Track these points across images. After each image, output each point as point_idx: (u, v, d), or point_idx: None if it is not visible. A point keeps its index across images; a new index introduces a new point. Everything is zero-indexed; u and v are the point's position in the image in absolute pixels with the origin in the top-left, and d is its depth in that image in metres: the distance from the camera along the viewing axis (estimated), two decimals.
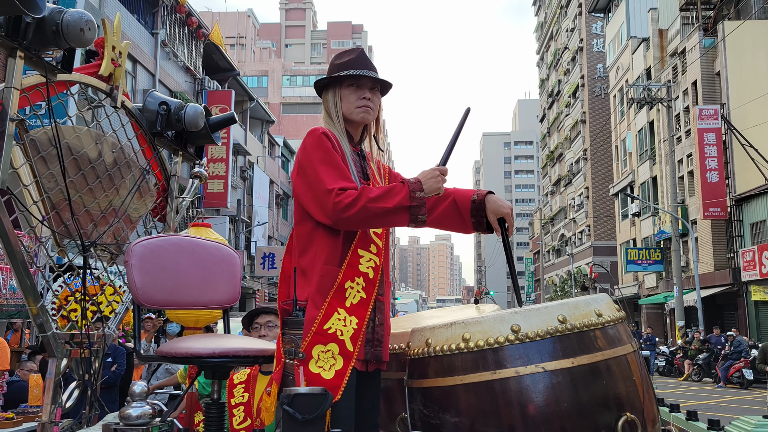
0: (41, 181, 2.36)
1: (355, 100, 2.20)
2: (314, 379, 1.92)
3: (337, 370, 1.94)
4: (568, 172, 49.63)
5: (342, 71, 2.20)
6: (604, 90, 43.96)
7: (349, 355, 1.96)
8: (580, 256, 45.68)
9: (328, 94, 2.23)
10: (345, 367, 1.95)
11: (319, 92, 2.30)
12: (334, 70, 2.23)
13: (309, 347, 1.95)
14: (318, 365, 1.94)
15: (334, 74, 2.21)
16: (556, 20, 54.49)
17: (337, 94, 2.21)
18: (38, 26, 2.22)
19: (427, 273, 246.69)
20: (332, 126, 2.20)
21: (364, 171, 2.23)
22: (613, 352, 1.81)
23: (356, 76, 2.19)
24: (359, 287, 2.06)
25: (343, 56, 2.27)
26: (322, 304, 2.00)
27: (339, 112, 2.20)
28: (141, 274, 2.16)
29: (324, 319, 1.98)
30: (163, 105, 3.06)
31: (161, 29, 21.30)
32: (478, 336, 1.82)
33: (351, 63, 2.21)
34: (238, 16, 54.30)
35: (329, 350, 1.95)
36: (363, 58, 2.25)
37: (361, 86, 2.21)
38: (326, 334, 1.96)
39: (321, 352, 1.95)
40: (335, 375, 1.93)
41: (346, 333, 1.97)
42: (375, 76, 2.23)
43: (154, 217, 3.24)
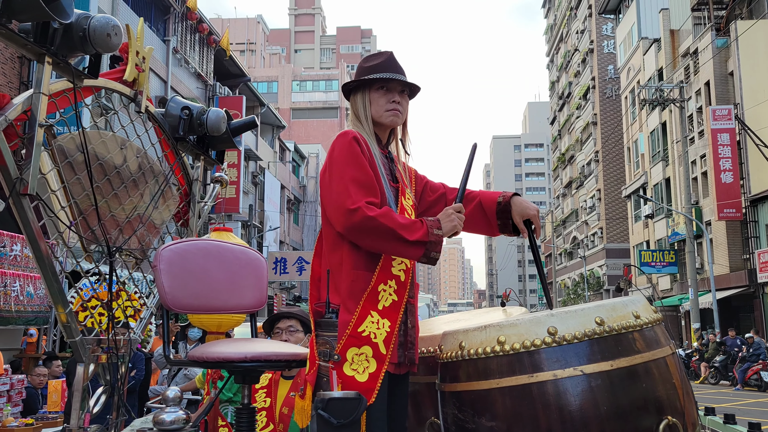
0: (68, 186, 2.36)
1: (384, 103, 2.21)
2: (348, 382, 1.93)
3: (371, 372, 1.95)
4: (579, 174, 49.40)
5: (371, 74, 2.20)
6: (615, 91, 43.76)
7: (383, 357, 1.97)
8: (592, 258, 45.41)
9: (357, 97, 2.24)
10: (378, 370, 1.96)
11: (347, 95, 2.30)
12: (363, 73, 2.23)
13: (343, 350, 1.96)
14: (352, 368, 1.95)
15: (364, 77, 2.21)
16: (566, 22, 54.33)
17: (366, 97, 2.22)
18: (65, 32, 2.22)
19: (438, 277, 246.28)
20: (361, 129, 2.20)
21: (393, 173, 2.23)
22: (651, 354, 1.78)
23: (386, 79, 2.19)
24: (391, 290, 2.07)
25: (372, 59, 2.27)
26: (355, 308, 2.01)
27: (368, 115, 2.21)
28: (169, 278, 2.16)
29: (358, 322, 1.99)
30: (186, 110, 3.06)
31: (173, 36, 21.43)
32: (514, 339, 1.79)
33: (380, 66, 2.22)
34: (248, 22, 54.56)
35: (363, 353, 1.96)
36: (393, 62, 2.25)
37: (391, 90, 2.22)
38: (360, 336, 1.97)
39: (355, 354, 1.96)
40: (369, 378, 1.94)
41: (379, 336, 1.98)
42: (404, 80, 2.23)
43: (177, 222, 3.24)
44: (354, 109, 2.25)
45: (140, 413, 6.15)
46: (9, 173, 2.07)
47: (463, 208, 2.10)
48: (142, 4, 20.12)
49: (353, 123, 2.24)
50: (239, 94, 26.25)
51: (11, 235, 9.07)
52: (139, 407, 6.25)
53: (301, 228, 39.52)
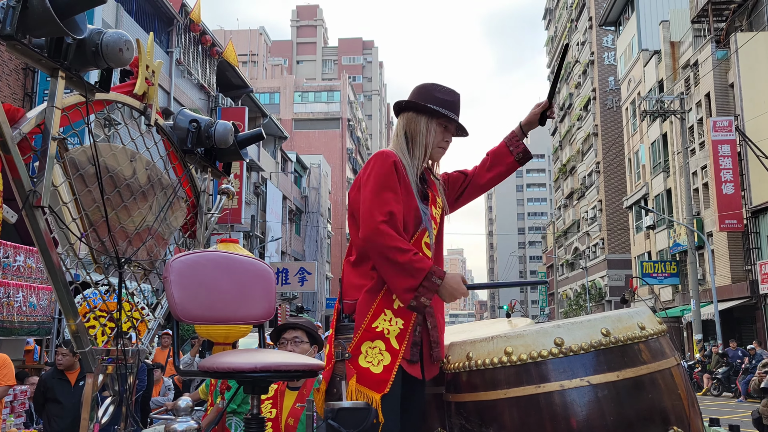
0: (79, 198, 2.40)
1: (441, 140, 2.34)
2: (363, 373, 2.06)
3: (386, 365, 2.07)
4: (580, 185, 49.45)
5: (443, 108, 2.30)
6: (616, 103, 43.88)
7: (396, 352, 2.08)
8: (594, 269, 45.35)
9: (420, 119, 2.32)
10: (392, 363, 2.07)
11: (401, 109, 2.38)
12: (436, 103, 2.31)
13: (358, 343, 2.10)
14: (367, 360, 2.08)
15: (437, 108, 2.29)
16: (566, 34, 54.59)
17: (432, 125, 2.31)
18: (78, 47, 2.26)
19: None
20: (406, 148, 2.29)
21: (425, 194, 2.33)
22: (657, 365, 1.80)
23: (449, 118, 2.31)
24: None
25: (445, 93, 2.35)
26: (371, 305, 2.13)
27: (429, 141, 2.30)
28: (179, 289, 2.18)
29: (372, 318, 2.12)
30: (194, 122, 3.10)
31: (176, 48, 21.57)
32: (521, 349, 1.82)
33: (452, 104, 2.33)
34: (250, 33, 54.88)
35: (376, 346, 2.09)
36: (459, 104, 2.37)
37: (449, 129, 2.35)
38: (374, 331, 2.10)
39: (369, 348, 2.09)
40: (384, 369, 2.06)
41: (392, 332, 2.10)
42: (465, 129, 2.39)
43: (184, 234, 3.27)
44: (413, 130, 2.32)
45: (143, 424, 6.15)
46: (23, 186, 2.10)
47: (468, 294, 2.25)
48: (145, 16, 20.27)
49: (398, 138, 2.33)
50: (242, 105, 26.38)
51: (15, 246, 9.10)
52: (142, 418, 6.25)
53: (303, 239, 39.53)
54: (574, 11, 51.63)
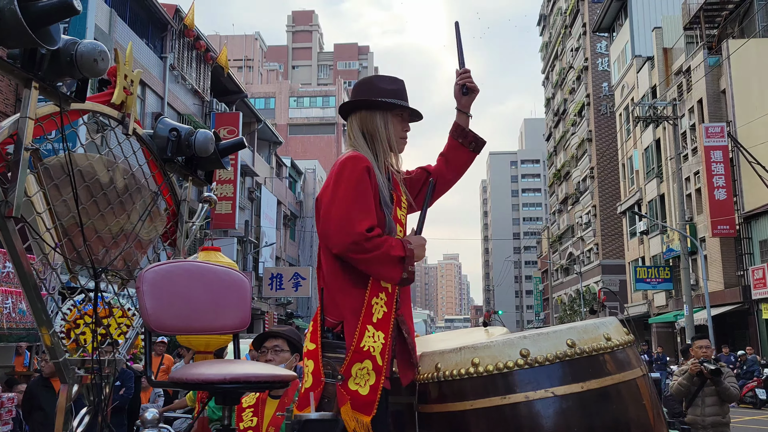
0: (54, 208, 2.40)
1: (400, 130, 2.27)
2: (354, 396, 2.00)
3: (371, 385, 2.02)
4: (575, 190, 49.56)
5: (392, 99, 2.23)
6: (610, 108, 44.03)
7: (380, 369, 2.04)
8: (588, 274, 45.42)
9: (376, 117, 2.23)
10: (377, 382, 2.02)
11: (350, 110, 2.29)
12: (384, 95, 2.23)
13: (349, 366, 2.03)
14: (355, 382, 2.02)
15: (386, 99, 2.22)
16: (560, 40, 54.79)
17: (388, 118, 2.23)
18: (53, 57, 2.26)
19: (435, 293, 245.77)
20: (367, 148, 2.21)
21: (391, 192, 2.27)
22: (622, 376, 1.81)
23: (404, 107, 2.24)
24: (382, 302, 2.12)
25: (390, 83, 2.28)
26: (356, 324, 2.07)
27: (383, 134, 2.22)
28: (152, 299, 2.19)
29: (359, 338, 2.05)
30: (174, 131, 3.10)
31: (170, 53, 21.57)
32: (488, 360, 1.83)
33: (401, 93, 2.26)
34: (246, 39, 54.92)
35: (365, 367, 2.03)
36: (405, 90, 2.30)
37: (404, 118, 2.28)
38: (362, 351, 2.04)
39: (358, 369, 2.03)
40: (370, 390, 2.01)
41: (377, 349, 2.05)
42: (419, 113, 2.30)
43: (165, 242, 3.27)
44: (370, 127, 2.24)
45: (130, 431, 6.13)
46: None
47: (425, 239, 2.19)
48: (139, 22, 20.27)
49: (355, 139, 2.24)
50: (236, 111, 26.37)
51: (3, 252, 9.07)
52: (129, 426, 6.23)
53: (298, 244, 39.50)
54: (568, 17, 51.85)
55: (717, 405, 5.28)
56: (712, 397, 5.27)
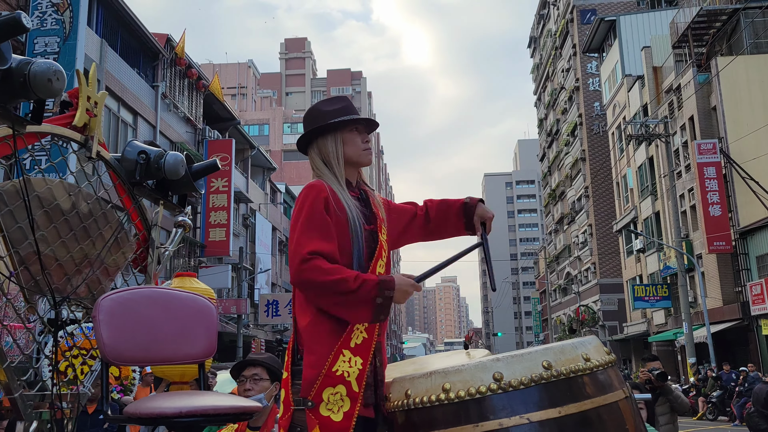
0: (9, 235, 2.29)
1: (360, 143, 2.23)
2: (325, 422, 1.91)
3: (345, 411, 1.93)
4: (570, 210, 49.57)
5: (340, 117, 2.20)
6: (602, 128, 44.24)
7: (356, 396, 1.95)
8: (586, 294, 45.21)
9: (327, 141, 2.21)
10: (353, 409, 1.93)
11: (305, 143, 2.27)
12: (328, 117, 2.21)
13: (320, 390, 1.94)
14: (327, 408, 1.93)
15: (338, 119, 2.19)
16: (551, 61, 55.27)
17: (338, 139, 2.20)
18: (5, 78, 2.18)
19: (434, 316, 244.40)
20: (331, 174, 2.17)
21: (367, 216, 2.20)
22: (603, 399, 1.69)
23: (357, 120, 2.21)
24: (361, 328, 2.04)
25: (332, 103, 2.27)
26: (328, 348, 1.99)
27: (340, 156, 2.19)
28: (109, 329, 2.07)
29: (333, 361, 1.97)
30: (142, 154, 3.01)
31: (161, 82, 21.62)
32: (459, 386, 1.71)
33: (348, 109, 2.24)
34: (239, 67, 55.27)
35: (338, 392, 1.94)
36: (353, 105, 2.29)
37: (361, 130, 2.25)
38: (334, 376, 1.95)
39: (330, 394, 1.94)
40: (344, 417, 1.92)
41: (352, 374, 1.96)
42: (373, 120, 2.28)
43: (135, 268, 3.16)
44: (322, 154, 2.21)
45: None
46: None
47: (420, 288, 2.11)
48: (130, 51, 20.34)
49: (319, 169, 2.21)
50: (229, 137, 26.39)
51: None
52: None
53: None
54: (558, 39, 52.37)
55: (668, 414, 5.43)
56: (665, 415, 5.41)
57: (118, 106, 19.00)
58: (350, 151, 2.20)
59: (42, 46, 14.50)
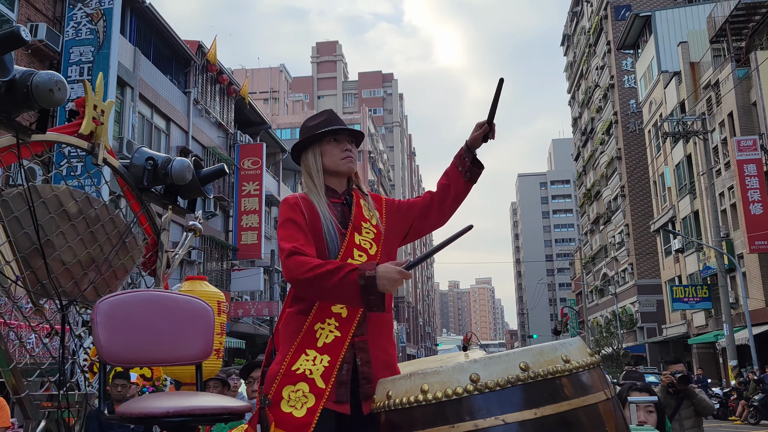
0: (15, 241, 2.38)
1: (338, 153, 2.33)
2: (286, 419, 1.97)
3: (309, 407, 1.98)
4: (606, 209, 48.77)
5: (319, 130, 2.33)
6: (638, 126, 43.42)
7: (321, 392, 2.00)
8: (624, 295, 44.39)
9: (308, 154, 2.35)
10: (317, 404, 1.99)
11: (297, 158, 2.41)
12: (310, 131, 2.35)
13: (279, 388, 2.02)
14: (290, 405, 1.99)
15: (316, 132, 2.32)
16: (585, 59, 54.48)
17: (317, 152, 2.33)
18: (8, 89, 2.27)
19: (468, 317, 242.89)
20: (312, 185, 2.30)
21: (345, 221, 2.28)
22: (582, 400, 1.68)
23: (335, 131, 2.32)
24: (332, 327, 2.11)
25: (315, 118, 2.40)
26: (289, 348, 2.08)
27: (320, 167, 2.31)
28: (107, 331, 2.13)
29: (291, 361, 2.05)
30: (150, 160, 3.09)
31: (193, 88, 22.02)
32: (437, 387, 1.72)
33: (326, 122, 2.36)
34: (271, 71, 55.84)
35: (299, 389, 2.01)
36: (336, 117, 2.41)
37: (341, 140, 2.35)
38: (294, 374, 2.03)
39: (291, 392, 2.00)
40: (307, 412, 1.98)
41: (315, 372, 2.03)
42: (352, 129, 2.38)
43: (145, 271, 3.24)
44: (305, 167, 2.36)
45: None
46: None
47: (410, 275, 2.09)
48: (163, 58, 20.77)
49: (305, 180, 2.35)
50: (260, 141, 26.71)
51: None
52: None
53: None
54: (592, 36, 51.60)
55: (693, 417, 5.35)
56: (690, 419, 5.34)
57: (152, 113, 19.42)
58: (328, 161, 2.31)
59: (77, 55, 14.92)
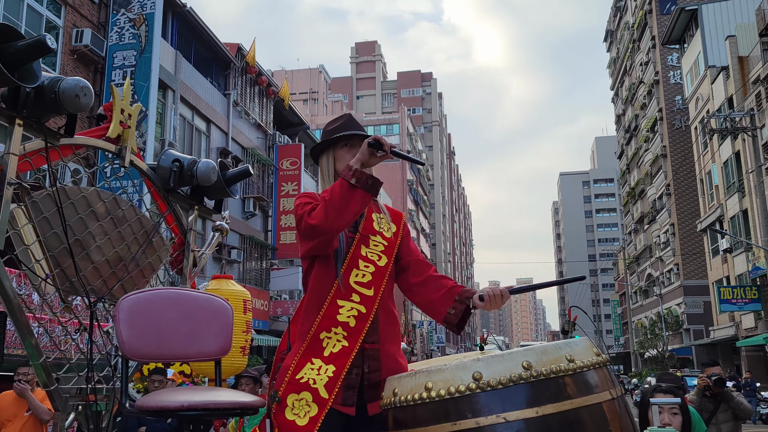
0: (45, 240, 2.49)
1: (350, 158, 2.36)
2: (289, 426, 2.01)
3: (311, 416, 2.02)
4: (651, 208, 47.67)
5: (330, 136, 2.40)
6: (685, 122, 42.31)
7: (324, 402, 2.04)
8: (669, 296, 43.33)
9: (323, 158, 2.43)
10: (319, 414, 2.02)
11: (316, 160, 2.49)
12: (327, 136, 2.43)
13: (284, 396, 2.06)
14: (293, 413, 2.03)
15: (329, 138, 2.40)
16: (629, 55, 53.37)
17: (330, 156, 2.40)
18: (37, 94, 2.37)
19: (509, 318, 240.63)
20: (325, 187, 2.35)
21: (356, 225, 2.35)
22: (584, 400, 1.67)
23: (348, 136, 2.38)
24: (339, 336, 2.13)
25: (333, 123, 2.47)
26: (294, 356, 2.13)
27: (332, 171, 2.38)
28: (128, 327, 2.22)
29: (296, 369, 2.09)
30: (176, 162, 3.18)
31: (233, 90, 22.38)
32: (440, 385, 1.74)
33: (342, 126, 2.42)
34: (310, 72, 56.34)
35: (303, 398, 2.04)
36: (352, 121, 2.46)
37: (354, 146, 2.39)
38: (298, 383, 2.06)
39: (295, 400, 2.04)
40: (309, 421, 2.01)
41: (319, 381, 2.06)
42: (364, 134, 2.41)
43: (172, 270, 3.33)
44: (320, 170, 2.44)
45: None
46: None
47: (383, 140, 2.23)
48: (203, 61, 21.18)
49: (320, 182, 2.43)
50: (298, 142, 26.98)
51: None
52: None
53: None
54: (635, 31, 50.52)
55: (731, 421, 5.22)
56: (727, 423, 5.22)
57: (192, 115, 19.83)
58: (339, 166, 2.36)
59: (120, 60, 15.35)
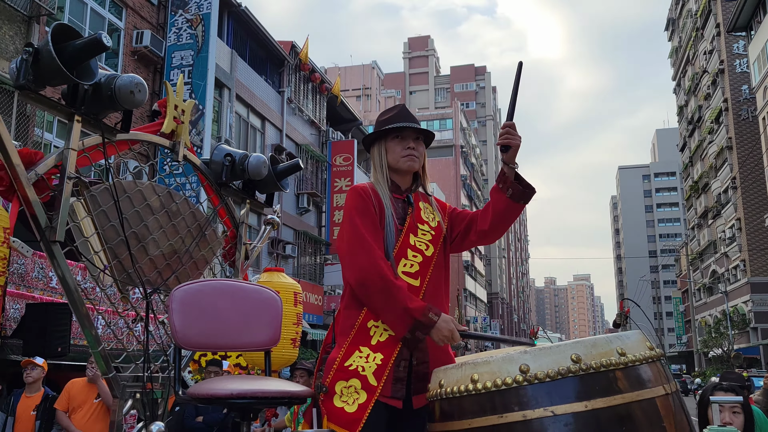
0: (103, 232, 2.58)
1: (400, 150, 2.37)
2: (338, 413, 2.04)
3: (360, 403, 2.04)
4: (715, 203, 45.93)
5: (386, 126, 2.39)
6: (752, 113, 40.54)
7: (373, 389, 2.05)
8: (735, 294, 41.66)
9: (374, 149, 2.43)
10: (368, 401, 2.04)
11: (368, 149, 2.50)
12: (379, 127, 2.42)
13: (332, 383, 2.09)
14: (342, 400, 2.05)
15: (380, 129, 2.40)
16: (692, 43, 51.47)
17: (382, 147, 2.40)
18: (95, 92, 2.46)
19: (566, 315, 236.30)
20: (377, 178, 2.37)
21: (404, 218, 2.34)
22: (637, 394, 1.62)
23: (400, 128, 2.37)
24: (386, 325, 2.14)
25: (386, 113, 2.46)
26: (343, 344, 2.15)
27: (384, 163, 2.38)
28: (181, 317, 2.27)
29: (345, 357, 2.11)
30: (228, 156, 3.24)
31: (287, 87, 22.70)
32: (486, 377, 1.71)
33: (394, 117, 2.40)
34: (363, 68, 56.59)
35: (351, 385, 2.06)
36: (405, 113, 2.44)
37: (405, 137, 2.38)
38: (347, 370, 2.09)
39: (344, 387, 2.07)
40: (358, 408, 2.03)
41: (368, 369, 2.08)
42: (416, 127, 2.39)
43: (225, 263, 3.41)
44: (373, 161, 2.43)
45: None
46: (39, 222, 2.30)
47: (459, 339, 2.09)
48: (258, 60, 21.55)
49: (372, 174, 2.43)
50: (351, 138, 27.16)
51: None
52: None
53: None
54: (699, 19, 48.66)
55: None
56: None
57: (248, 113, 20.21)
58: (390, 158, 2.37)
59: (178, 59, 15.78)
